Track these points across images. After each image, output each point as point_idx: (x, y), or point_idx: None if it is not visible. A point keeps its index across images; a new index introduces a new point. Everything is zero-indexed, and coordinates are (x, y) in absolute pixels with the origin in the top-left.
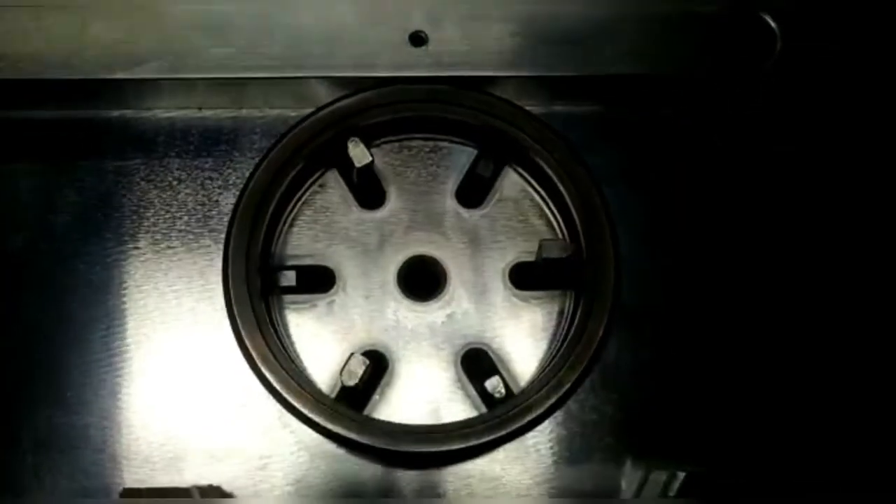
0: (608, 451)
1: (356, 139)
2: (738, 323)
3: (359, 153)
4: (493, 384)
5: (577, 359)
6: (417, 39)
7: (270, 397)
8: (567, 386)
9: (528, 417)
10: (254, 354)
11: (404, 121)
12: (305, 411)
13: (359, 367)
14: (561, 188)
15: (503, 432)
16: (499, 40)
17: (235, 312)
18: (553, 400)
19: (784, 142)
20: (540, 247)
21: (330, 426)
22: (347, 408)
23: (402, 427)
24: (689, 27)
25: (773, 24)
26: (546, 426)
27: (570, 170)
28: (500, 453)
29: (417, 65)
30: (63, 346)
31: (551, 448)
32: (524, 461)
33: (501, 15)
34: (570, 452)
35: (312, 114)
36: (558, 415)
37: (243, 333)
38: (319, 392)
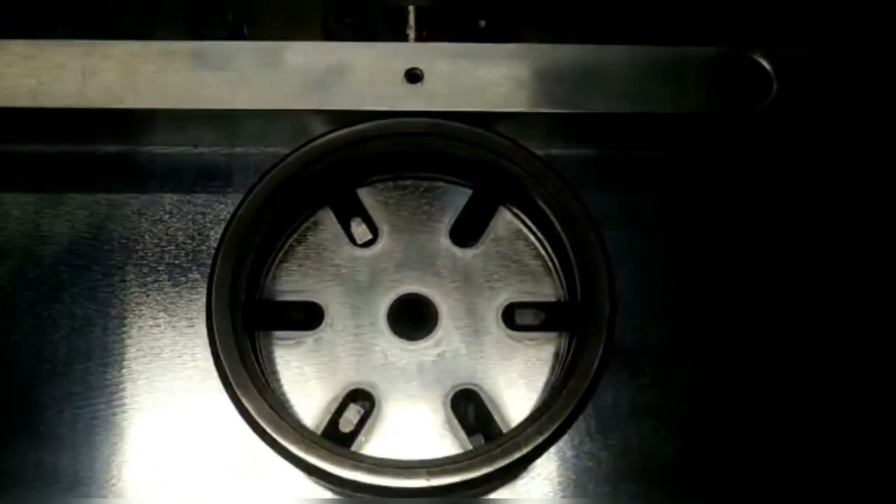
0: (604, 497)
1: (359, 218)
2: (739, 367)
3: (361, 232)
4: (475, 442)
5: (568, 395)
6: (413, 76)
7: (254, 434)
8: (558, 423)
9: (517, 454)
10: (237, 391)
11: (397, 156)
12: (290, 448)
13: (354, 417)
14: (557, 227)
15: (492, 468)
16: (494, 78)
17: (219, 347)
18: (545, 437)
19: (782, 162)
20: (514, 312)
21: (315, 462)
22: (333, 444)
23: (388, 462)
24: (685, 68)
25: (767, 66)
26: (540, 471)
27: (566, 208)
28: (492, 498)
29: (412, 101)
30: (40, 378)
31: (545, 494)
32: None
33: (497, 53)
34: (566, 498)
35: (300, 147)
36: (553, 459)
37: (227, 369)
38: (305, 429)
